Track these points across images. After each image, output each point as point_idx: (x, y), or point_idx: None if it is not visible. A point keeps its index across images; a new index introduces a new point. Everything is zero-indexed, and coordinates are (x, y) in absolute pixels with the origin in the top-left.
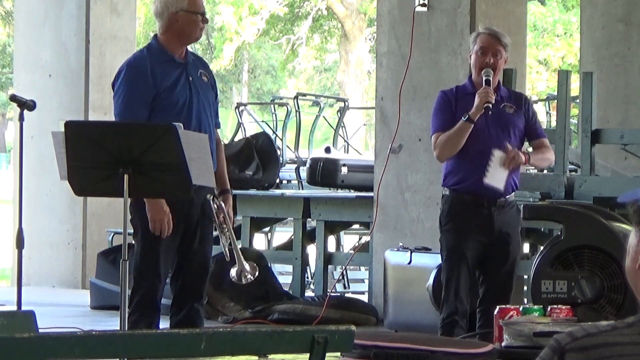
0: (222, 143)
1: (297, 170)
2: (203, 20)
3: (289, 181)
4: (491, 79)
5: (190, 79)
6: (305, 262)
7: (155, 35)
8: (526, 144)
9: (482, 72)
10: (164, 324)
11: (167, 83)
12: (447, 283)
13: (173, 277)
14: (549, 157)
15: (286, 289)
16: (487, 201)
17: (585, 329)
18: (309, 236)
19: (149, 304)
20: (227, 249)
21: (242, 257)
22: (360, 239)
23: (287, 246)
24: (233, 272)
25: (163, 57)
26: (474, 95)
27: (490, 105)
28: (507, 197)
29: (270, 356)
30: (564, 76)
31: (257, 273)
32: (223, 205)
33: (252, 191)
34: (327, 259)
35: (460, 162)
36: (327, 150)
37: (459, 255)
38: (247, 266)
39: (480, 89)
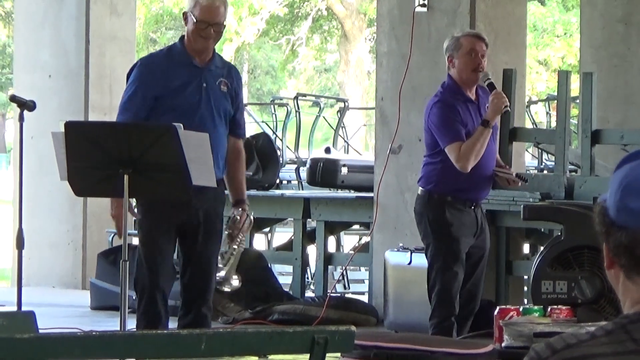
0: (243, 151)
1: (297, 170)
2: (209, 30)
3: (289, 181)
4: (493, 81)
5: (204, 85)
6: (305, 263)
7: (182, 36)
8: (525, 144)
9: (481, 76)
10: (171, 324)
11: (174, 85)
12: (446, 286)
13: (180, 279)
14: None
15: (286, 289)
16: (475, 204)
17: (564, 339)
18: (309, 236)
19: (151, 315)
20: (225, 254)
21: (235, 268)
22: (360, 239)
23: (287, 247)
24: (222, 273)
25: (180, 59)
26: (468, 98)
27: (509, 109)
28: None
29: (270, 357)
30: (563, 76)
31: (238, 287)
32: (248, 214)
33: (252, 191)
34: (327, 259)
35: (458, 170)
36: (327, 150)
37: (459, 259)
38: (234, 280)
39: (494, 93)
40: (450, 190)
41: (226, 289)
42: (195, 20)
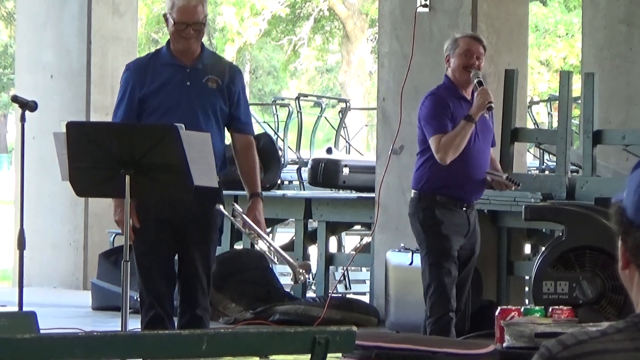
0: (252, 146)
1: (299, 171)
2: (188, 31)
3: (290, 182)
4: (482, 80)
5: (188, 83)
6: None
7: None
8: (527, 144)
9: (471, 75)
10: None
11: (155, 85)
12: (441, 282)
13: (178, 280)
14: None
15: (287, 289)
16: (466, 204)
17: (575, 335)
18: (310, 237)
19: (150, 317)
20: (270, 254)
21: (289, 258)
22: (361, 239)
23: (289, 247)
24: (289, 278)
25: (163, 60)
26: (462, 96)
27: (493, 105)
28: None
29: (272, 357)
30: (565, 77)
31: (310, 268)
32: (244, 215)
33: None
34: (329, 259)
35: (446, 167)
36: (329, 151)
37: (451, 256)
38: (296, 263)
39: (480, 90)
40: (438, 186)
41: (304, 273)
42: (173, 22)
